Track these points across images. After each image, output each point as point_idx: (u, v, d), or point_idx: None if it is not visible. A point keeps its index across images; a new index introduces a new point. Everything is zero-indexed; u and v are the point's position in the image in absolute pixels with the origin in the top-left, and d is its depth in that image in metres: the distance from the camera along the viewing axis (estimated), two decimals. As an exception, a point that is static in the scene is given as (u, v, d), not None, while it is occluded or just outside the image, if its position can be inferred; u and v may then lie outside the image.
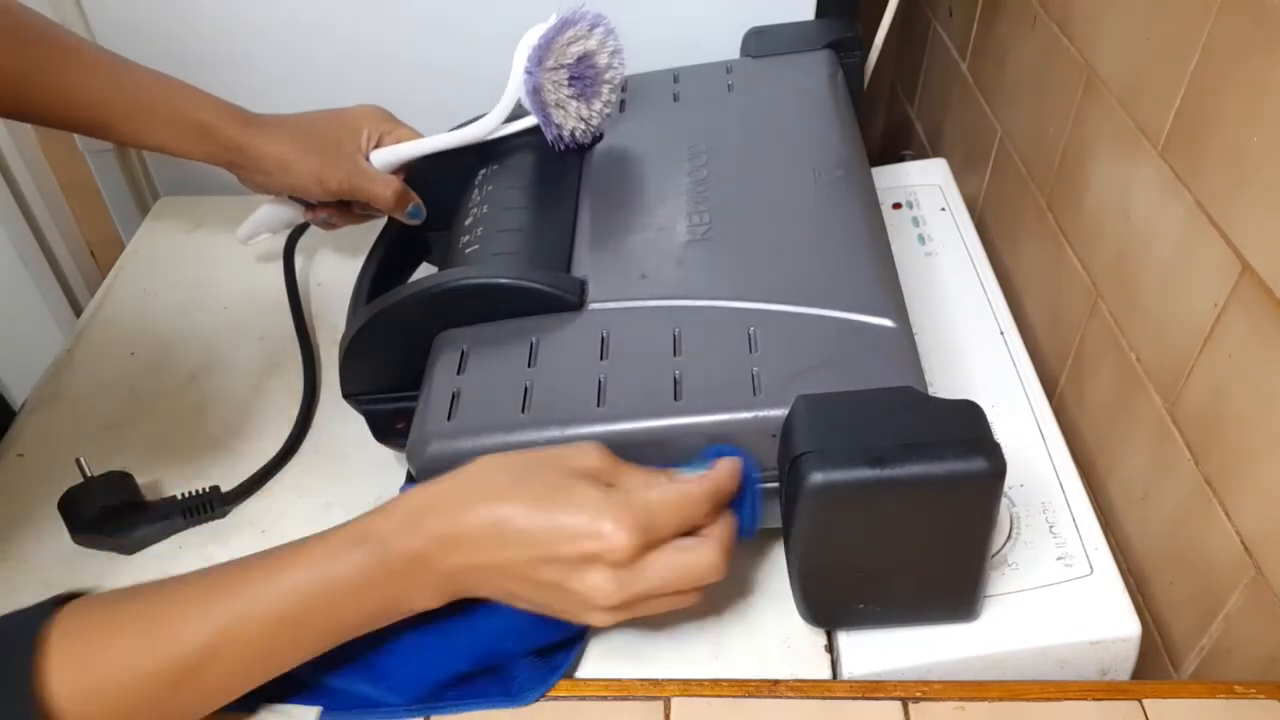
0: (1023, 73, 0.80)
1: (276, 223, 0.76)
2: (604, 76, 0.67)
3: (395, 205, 0.69)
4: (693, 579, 0.47)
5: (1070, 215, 0.72)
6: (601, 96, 0.67)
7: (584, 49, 0.65)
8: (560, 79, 0.64)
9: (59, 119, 0.68)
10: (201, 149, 0.69)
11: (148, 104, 0.68)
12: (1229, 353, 0.53)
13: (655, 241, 0.62)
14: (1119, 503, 0.66)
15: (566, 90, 0.65)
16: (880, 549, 0.50)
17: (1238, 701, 0.50)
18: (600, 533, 0.44)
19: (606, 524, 0.44)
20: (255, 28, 0.87)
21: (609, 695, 0.51)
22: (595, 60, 0.66)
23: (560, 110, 0.66)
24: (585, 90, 0.66)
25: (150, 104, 0.68)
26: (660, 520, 0.46)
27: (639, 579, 0.46)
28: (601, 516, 0.45)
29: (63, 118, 0.68)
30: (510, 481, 0.47)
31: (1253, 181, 0.51)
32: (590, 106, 0.67)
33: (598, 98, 0.67)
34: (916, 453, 0.46)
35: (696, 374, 0.53)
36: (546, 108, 0.65)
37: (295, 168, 0.68)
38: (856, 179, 0.64)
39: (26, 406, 0.72)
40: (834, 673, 0.54)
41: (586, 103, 0.67)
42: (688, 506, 0.47)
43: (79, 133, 0.82)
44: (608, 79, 0.67)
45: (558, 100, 0.65)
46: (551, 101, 0.65)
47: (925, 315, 0.70)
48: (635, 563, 0.45)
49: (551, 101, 0.65)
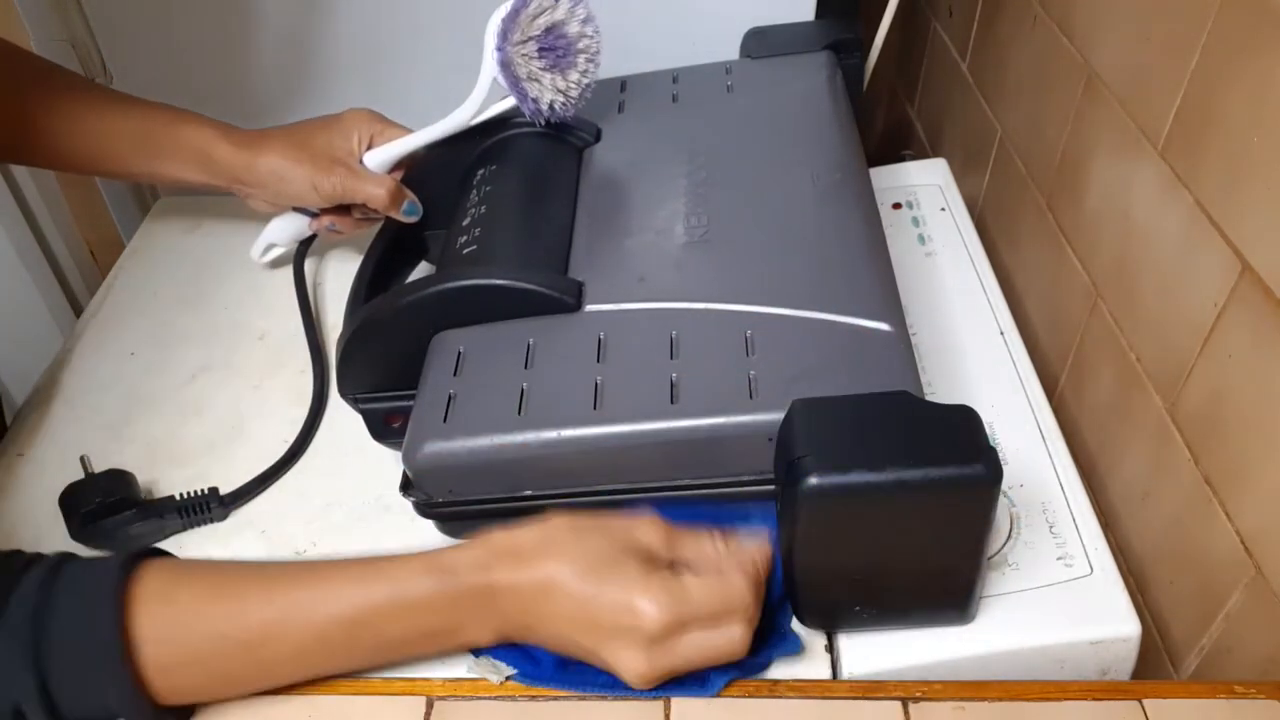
0: (1023, 73, 0.80)
1: (284, 236, 0.77)
2: (577, 45, 0.66)
3: (391, 204, 0.69)
4: (719, 658, 0.49)
5: (1070, 215, 0.72)
6: (578, 66, 0.67)
7: (551, 20, 0.64)
8: (529, 51, 0.64)
9: (56, 160, 0.70)
10: (201, 176, 0.70)
11: (144, 137, 0.70)
12: (1229, 353, 0.53)
13: (653, 243, 0.62)
14: (1119, 503, 0.66)
15: (538, 63, 0.64)
16: (876, 553, 0.50)
17: (1238, 701, 0.49)
18: (636, 609, 0.47)
19: (644, 602, 0.47)
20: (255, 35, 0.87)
21: (609, 695, 0.51)
22: (565, 30, 0.65)
23: (534, 84, 0.65)
24: (558, 61, 0.65)
25: (146, 137, 0.70)
26: (696, 604, 0.48)
27: (667, 656, 0.48)
28: (641, 594, 0.47)
29: (60, 159, 0.70)
30: (573, 542, 0.49)
31: (1253, 182, 0.51)
32: (566, 77, 0.66)
33: (573, 68, 0.66)
34: (913, 457, 0.46)
35: (693, 377, 0.53)
36: (519, 82, 0.64)
37: (290, 178, 0.69)
38: (855, 182, 0.64)
39: (26, 406, 0.72)
40: (834, 673, 0.54)
41: (561, 73, 0.66)
42: (729, 594, 0.48)
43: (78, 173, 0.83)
44: (582, 48, 0.66)
45: (529, 73, 0.64)
46: (523, 75, 0.64)
47: (925, 315, 0.70)
48: (665, 641, 0.47)
49: (523, 75, 0.64)
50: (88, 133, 0.69)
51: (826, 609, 0.53)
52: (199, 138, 0.69)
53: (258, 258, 0.79)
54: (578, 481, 0.53)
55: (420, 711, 0.51)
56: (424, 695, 0.51)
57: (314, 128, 0.70)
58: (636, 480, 0.53)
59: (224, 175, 0.70)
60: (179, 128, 0.69)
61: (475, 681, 0.52)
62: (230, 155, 0.69)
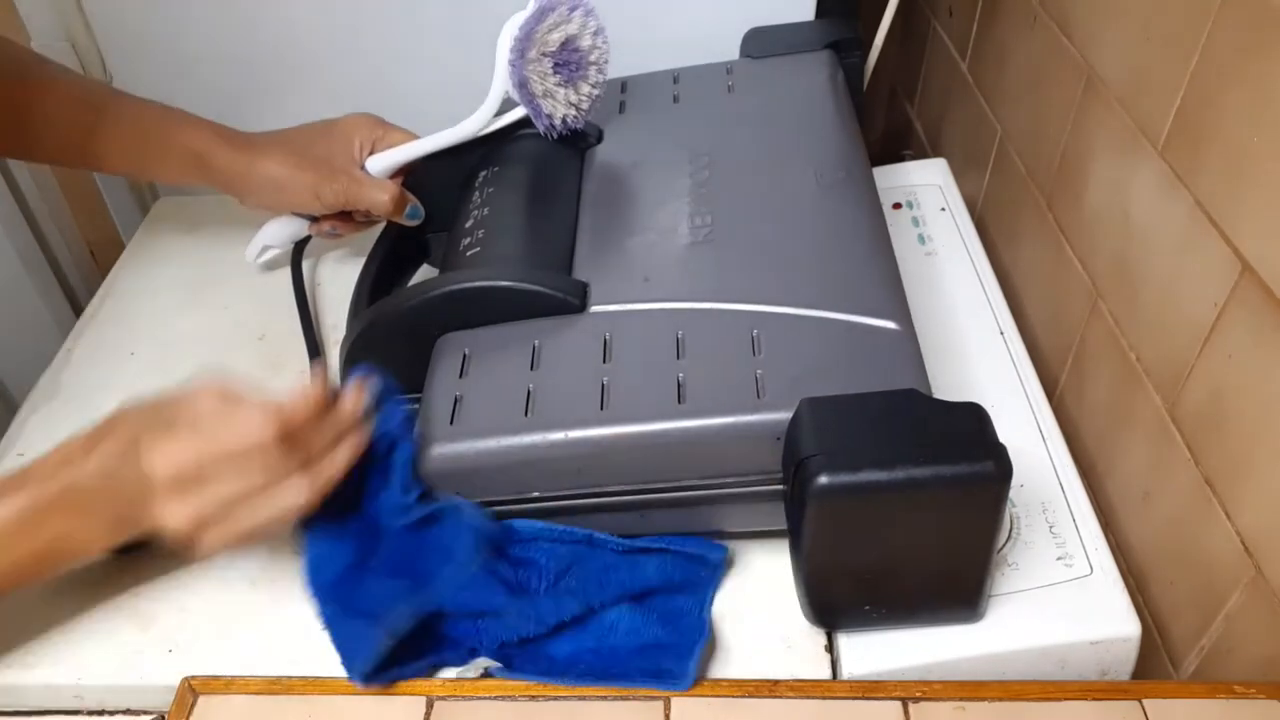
0: (1023, 73, 0.80)
1: (281, 238, 0.77)
2: (589, 58, 0.66)
3: (393, 209, 0.69)
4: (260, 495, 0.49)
5: (1070, 215, 0.72)
6: (589, 79, 0.67)
7: (565, 34, 0.64)
8: (545, 69, 0.64)
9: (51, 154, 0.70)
10: (197, 178, 0.70)
11: (140, 138, 0.69)
12: (1229, 353, 0.53)
13: (657, 244, 0.62)
14: (1119, 503, 0.66)
15: (553, 79, 0.64)
16: (886, 551, 0.50)
17: (1238, 701, 0.50)
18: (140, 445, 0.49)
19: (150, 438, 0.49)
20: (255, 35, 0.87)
21: (609, 695, 0.51)
22: (579, 44, 0.65)
23: (549, 100, 0.65)
24: (572, 76, 0.65)
25: (143, 138, 0.69)
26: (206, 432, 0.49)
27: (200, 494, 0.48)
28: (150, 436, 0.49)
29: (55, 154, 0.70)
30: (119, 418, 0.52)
31: (1253, 181, 0.51)
32: (579, 91, 0.66)
33: (585, 80, 0.66)
34: (922, 455, 0.46)
35: (700, 377, 0.53)
36: (535, 99, 0.64)
37: (291, 185, 0.68)
38: (858, 180, 0.64)
39: (26, 406, 0.72)
40: (834, 673, 0.54)
41: (574, 88, 0.66)
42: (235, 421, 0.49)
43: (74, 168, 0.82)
44: (593, 60, 0.66)
45: (545, 90, 0.64)
46: (539, 92, 0.64)
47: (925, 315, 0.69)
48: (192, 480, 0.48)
49: (539, 92, 0.64)
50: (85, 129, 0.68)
51: (835, 607, 0.53)
52: (196, 140, 0.69)
53: (252, 259, 0.79)
54: (585, 482, 0.53)
55: (420, 711, 0.51)
56: (424, 695, 0.52)
57: (314, 134, 0.70)
58: (644, 481, 0.53)
59: (220, 179, 0.70)
60: (176, 129, 0.69)
61: (475, 681, 0.52)
62: (227, 160, 0.68)
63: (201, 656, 0.56)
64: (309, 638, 0.56)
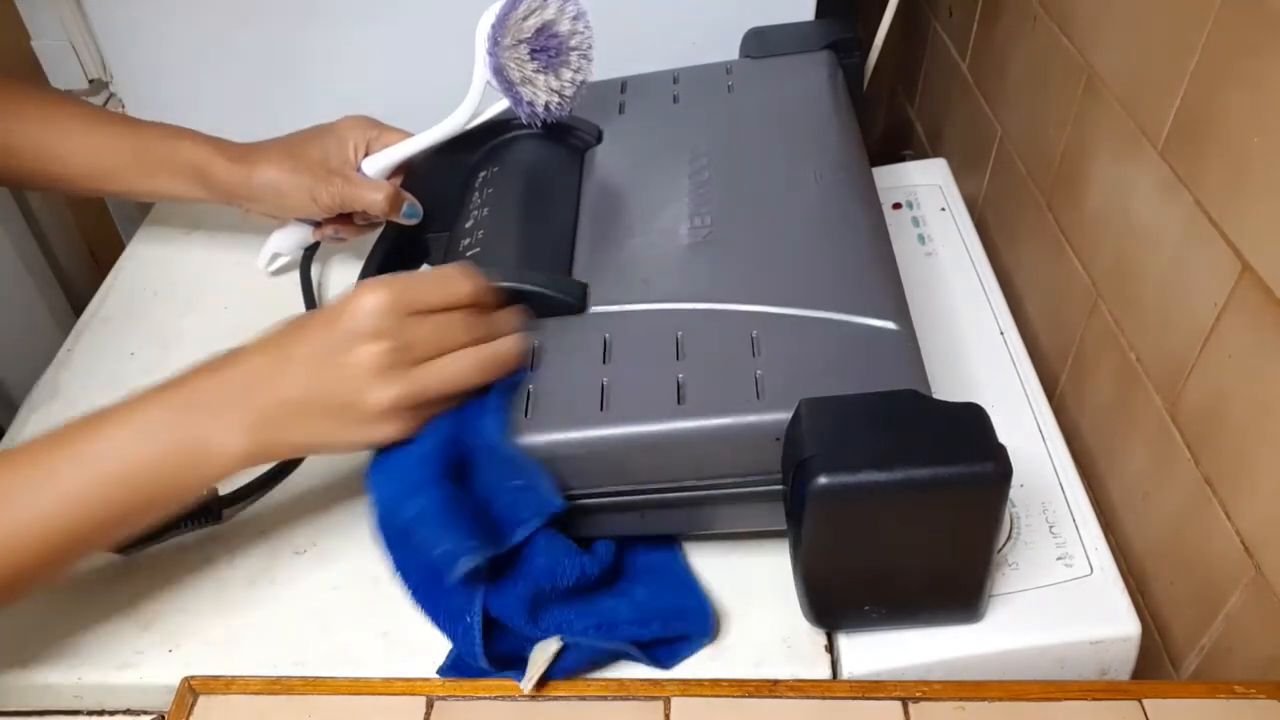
0: (1023, 73, 0.80)
1: (289, 245, 0.77)
2: (569, 44, 0.65)
3: (390, 209, 0.69)
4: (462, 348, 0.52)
5: (1070, 215, 0.72)
6: (570, 65, 0.66)
7: (542, 20, 0.63)
8: (521, 55, 0.63)
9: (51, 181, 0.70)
10: (199, 193, 0.71)
11: (140, 158, 0.70)
12: (1229, 353, 0.53)
13: (656, 244, 0.62)
14: (1119, 503, 0.66)
15: (530, 65, 0.64)
16: (886, 551, 0.50)
17: (1238, 701, 0.50)
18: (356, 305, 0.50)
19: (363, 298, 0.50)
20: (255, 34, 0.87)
21: (609, 695, 0.51)
22: (556, 29, 0.64)
23: (529, 87, 0.65)
24: (551, 62, 0.65)
25: (142, 158, 0.70)
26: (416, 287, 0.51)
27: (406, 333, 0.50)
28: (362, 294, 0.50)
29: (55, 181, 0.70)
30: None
31: (1253, 181, 0.51)
32: (560, 77, 0.66)
33: (566, 66, 0.66)
34: (922, 456, 0.46)
35: (699, 378, 0.53)
36: (514, 86, 0.64)
37: (287, 190, 0.69)
38: (858, 180, 0.64)
39: (26, 406, 0.72)
40: (834, 673, 0.54)
41: (555, 74, 0.65)
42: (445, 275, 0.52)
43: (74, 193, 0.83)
44: (574, 45, 0.66)
45: (523, 77, 0.64)
46: (517, 79, 0.64)
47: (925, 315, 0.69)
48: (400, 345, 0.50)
49: (517, 79, 0.64)
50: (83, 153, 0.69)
51: (836, 608, 0.53)
52: (195, 155, 0.69)
53: (264, 267, 0.80)
54: (584, 483, 0.53)
55: (420, 711, 0.51)
56: (424, 695, 0.52)
57: (309, 138, 0.70)
58: (643, 481, 0.53)
59: (221, 191, 0.70)
60: (174, 146, 0.70)
61: (475, 681, 0.52)
62: (226, 171, 0.69)
63: (201, 656, 0.56)
64: (309, 638, 0.56)
